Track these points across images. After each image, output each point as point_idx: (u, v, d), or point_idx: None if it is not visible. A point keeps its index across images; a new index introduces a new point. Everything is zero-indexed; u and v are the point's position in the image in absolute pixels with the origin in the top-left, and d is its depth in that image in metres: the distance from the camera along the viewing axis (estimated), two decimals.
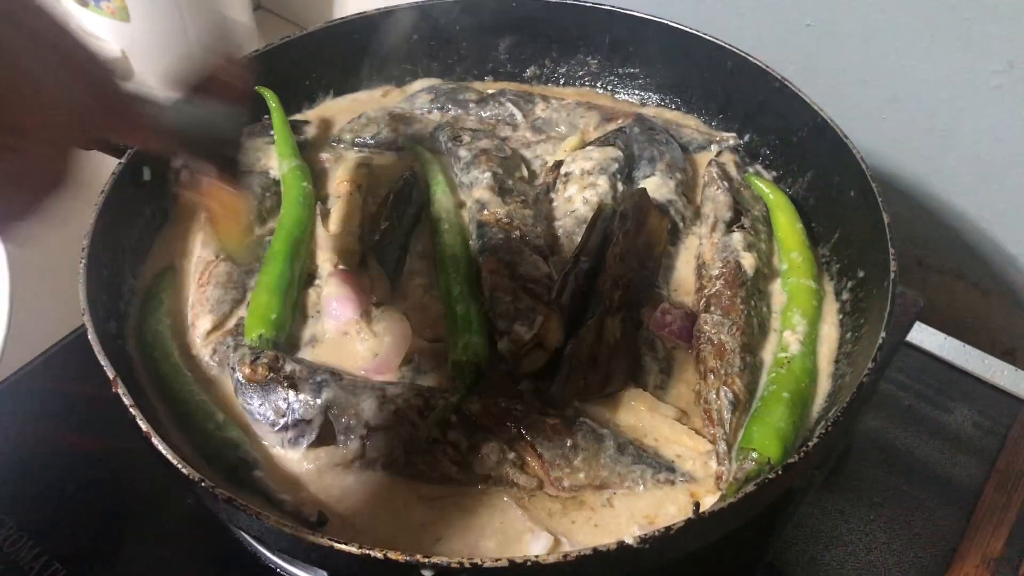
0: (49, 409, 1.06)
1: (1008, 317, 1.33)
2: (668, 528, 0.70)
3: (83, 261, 0.90)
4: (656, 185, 1.09)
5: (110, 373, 0.81)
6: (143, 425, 0.78)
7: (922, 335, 1.22)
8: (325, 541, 0.69)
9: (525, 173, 1.15)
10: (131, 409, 0.79)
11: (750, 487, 0.74)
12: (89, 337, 0.84)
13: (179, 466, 0.75)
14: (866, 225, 0.97)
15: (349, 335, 0.97)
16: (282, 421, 0.87)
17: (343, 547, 0.69)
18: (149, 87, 0.69)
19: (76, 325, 1.10)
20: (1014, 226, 1.26)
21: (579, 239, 1.01)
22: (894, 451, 1.10)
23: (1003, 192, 1.24)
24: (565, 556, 0.68)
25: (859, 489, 1.06)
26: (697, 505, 0.81)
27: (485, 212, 1.04)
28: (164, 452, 0.76)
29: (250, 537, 0.92)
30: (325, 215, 1.08)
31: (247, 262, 1.01)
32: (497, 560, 0.68)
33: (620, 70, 1.30)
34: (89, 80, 0.59)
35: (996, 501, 1.05)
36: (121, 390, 0.80)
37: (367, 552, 0.68)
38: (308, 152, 1.17)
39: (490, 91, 1.27)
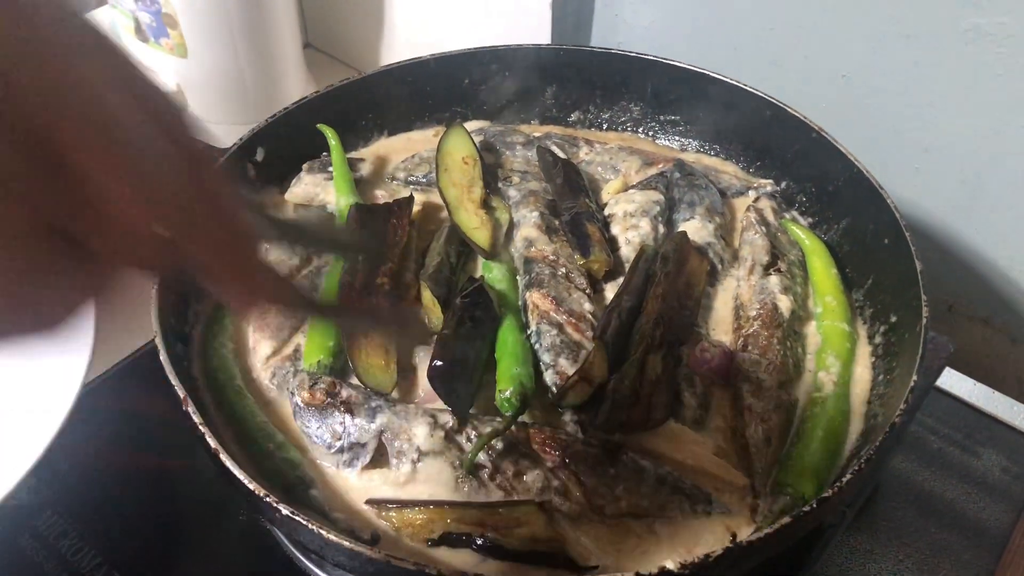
0: (111, 427, 1.10)
1: None
2: (707, 555, 0.73)
3: (154, 286, 0.95)
4: (696, 228, 1.13)
5: (180, 393, 0.85)
6: (212, 442, 0.81)
7: (952, 380, 1.23)
8: (382, 556, 0.73)
9: None
10: (200, 427, 0.83)
11: (786, 519, 0.77)
12: (160, 358, 0.88)
13: (245, 481, 0.78)
14: (899, 272, 0.99)
15: None
16: (338, 444, 0.90)
17: (399, 562, 0.72)
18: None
19: (135, 347, 1.15)
20: None
21: (622, 278, 1.05)
22: (923, 494, 1.11)
23: None
24: None
25: (888, 530, 1.07)
26: (734, 535, 0.84)
27: (533, 249, 1.08)
28: (231, 468, 0.80)
29: (305, 554, 0.96)
30: None
31: (387, 389, 0.96)
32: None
33: (661, 117, 1.33)
34: (170, 134, 0.44)
35: None
36: (191, 408, 0.84)
37: (422, 567, 0.71)
38: (363, 188, 1.21)
39: (536, 134, 1.30)
